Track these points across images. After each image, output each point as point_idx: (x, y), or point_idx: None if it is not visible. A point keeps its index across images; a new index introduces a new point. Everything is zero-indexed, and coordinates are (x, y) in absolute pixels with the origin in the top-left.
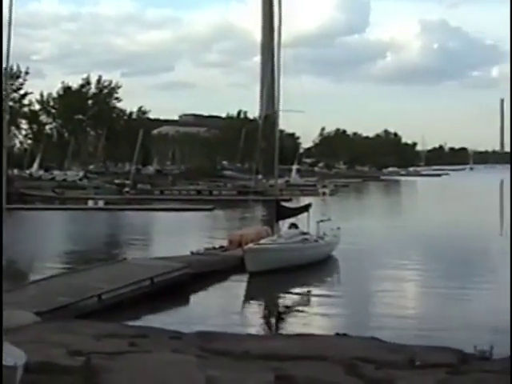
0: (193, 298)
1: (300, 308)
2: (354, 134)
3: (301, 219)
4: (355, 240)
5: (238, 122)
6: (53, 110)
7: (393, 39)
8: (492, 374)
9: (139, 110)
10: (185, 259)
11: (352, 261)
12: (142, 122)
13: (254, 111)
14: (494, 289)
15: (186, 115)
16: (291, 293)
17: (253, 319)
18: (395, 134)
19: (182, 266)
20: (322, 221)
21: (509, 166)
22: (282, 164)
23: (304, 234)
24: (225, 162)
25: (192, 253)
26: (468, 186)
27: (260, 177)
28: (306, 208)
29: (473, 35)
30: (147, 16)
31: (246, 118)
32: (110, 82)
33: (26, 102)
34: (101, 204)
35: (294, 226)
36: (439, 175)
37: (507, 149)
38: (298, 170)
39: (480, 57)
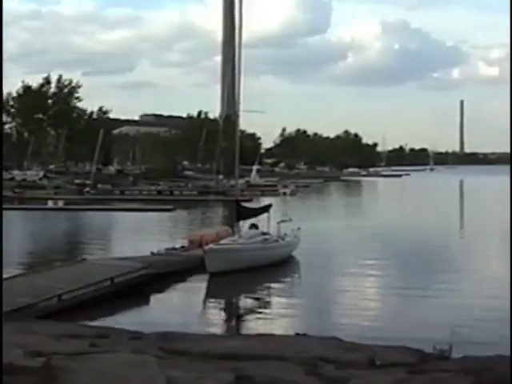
0: (153, 299)
1: (260, 308)
2: (315, 134)
3: (261, 220)
4: (316, 240)
5: (199, 122)
6: (12, 110)
7: (354, 40)
8: (451, 372)
9: (100, 109)
10: (145, 259)
11: (312, 261)
12: (102, 121)
13: (214, 111)
14: (454, 290)
15: (146, 115)
16: (251, 293)
17: (213, 319)
18: (356, 135)
19: (142, 267)
20: (282, 221)
21: (468, 167)
22: (242, 164)
23: (264, 234)
24: (186, 163)
25: (152, 253)
26: (428, 186)
27: (221, 177)
28: (267, 208)
29: (433, 36)
30: (108, 15)
31: (206, 117)
32: (70, 81)
33: None
34: (61, 204)
35: (254, 226)
36: (400, 176)
37: (467, 149)
38: (258, 170)
39: (440, 58)
